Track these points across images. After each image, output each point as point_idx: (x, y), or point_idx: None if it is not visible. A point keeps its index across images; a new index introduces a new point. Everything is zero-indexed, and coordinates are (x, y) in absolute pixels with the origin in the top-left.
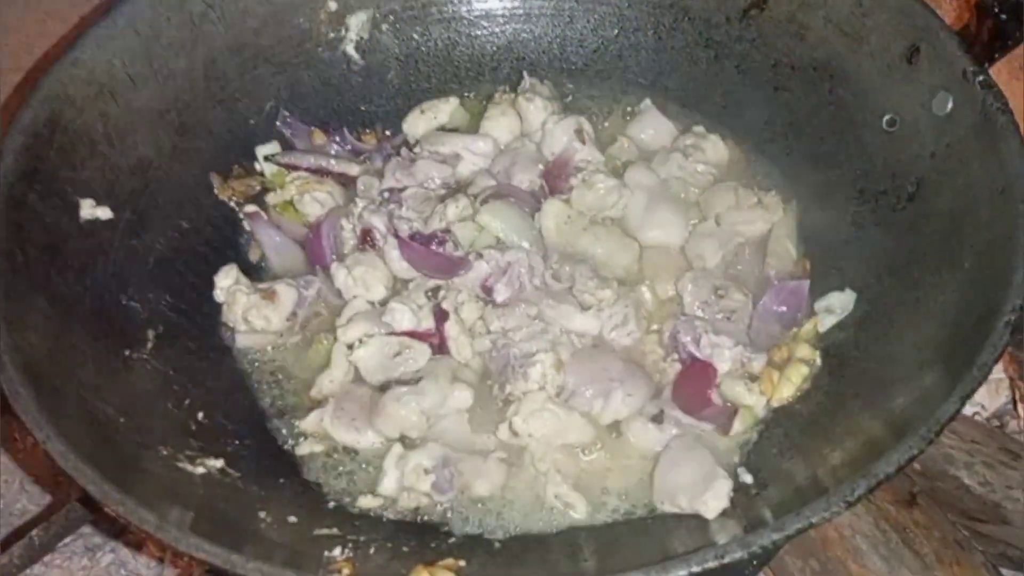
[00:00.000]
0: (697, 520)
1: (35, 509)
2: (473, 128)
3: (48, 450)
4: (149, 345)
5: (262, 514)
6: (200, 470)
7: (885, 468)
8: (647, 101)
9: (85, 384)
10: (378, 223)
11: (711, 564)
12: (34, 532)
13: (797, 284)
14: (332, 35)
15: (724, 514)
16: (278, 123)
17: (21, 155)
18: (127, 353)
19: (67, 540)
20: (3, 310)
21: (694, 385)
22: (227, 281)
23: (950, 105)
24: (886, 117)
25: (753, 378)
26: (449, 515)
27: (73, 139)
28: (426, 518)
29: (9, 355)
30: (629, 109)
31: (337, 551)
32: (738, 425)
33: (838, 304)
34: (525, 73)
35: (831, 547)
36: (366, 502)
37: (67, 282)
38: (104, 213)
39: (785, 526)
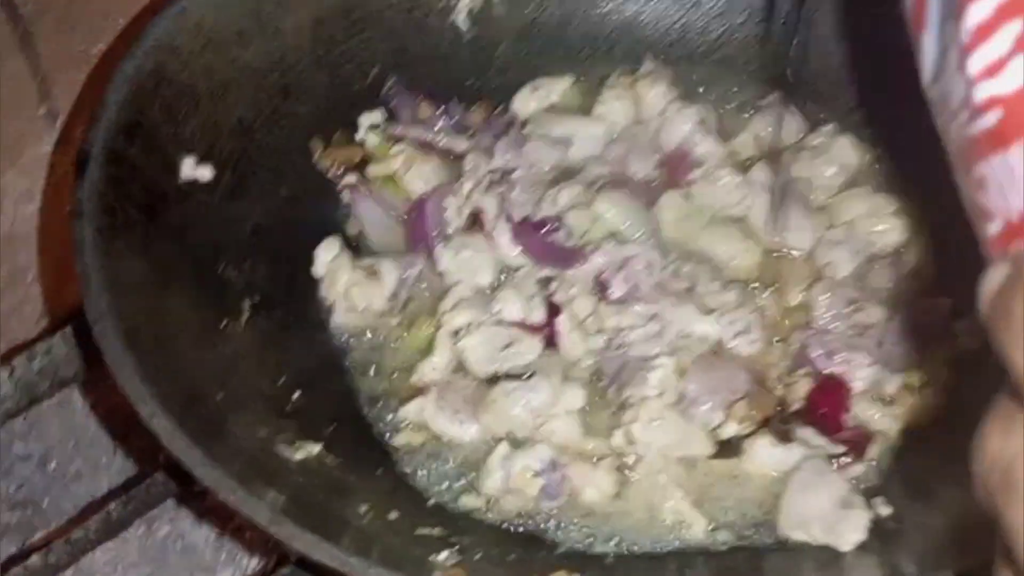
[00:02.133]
0: (828, 553)
1: (88, 471)
2: (586, 110)
3: (153, 427)
4: (244, 317)
5: (363, 508)
6: (299, 455)
7: None
8: (774, 95)
9: (183, 356)
10: (488, 205)
11: None
12: (112, 506)
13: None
14: (442, 3)
15: (861, 547)
16: (383, 91)
17: (124, 107)
18: (223, 324)
19: None
20: (104, 270)
21: (827, 404)
22: (329, 255)
23: None
24: None
25: (887, 400)
26: (555, 523)
27: (177, 93)
28: (530, 524)
29: (112, 320)
30: (754, 102)
31: (444, 555)
32: (873, 451)
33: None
34: (647, 56)
35: None
36: (468, 501)
37: (165, 246)
38: (204, 174)
39: None
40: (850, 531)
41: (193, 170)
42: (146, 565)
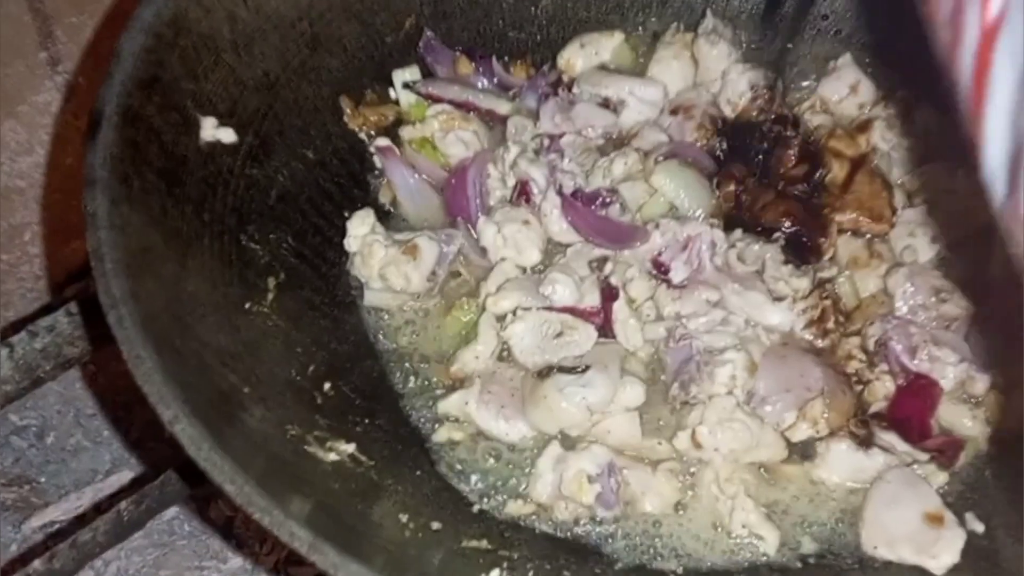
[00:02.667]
0: (916, 574)
1: (89, 445)
2: (639, 70)
3: (177, 435)
4: (270, 296)
5: (403, 518)
6: (332, 456)
7: None
8: (846, 56)
9: (206, 344)
10: (537, 175)
11: None
12: (123, 505)
13: None
14: None
15: (954, 569)
16: (419, 45)
17: (141, 59)
18: (247, 305)
19: None
20: (119, 248)
21: (915, 407)
22: (362, 229)
23: None
24: None
25: (976, 402)
26: (612, 534)
27: (197, 44)
28: (585, 536)
29: (128, 307)
30: (822, 65)
31: (495, 574)
32: (963, 459)
33: None
34: (709, 11)
35: None
36: (515, 508)
37: (185, 216)
38: (227, 135)
39: None
40: (944, 552)
41: (215, 131)
42: (152, 550)
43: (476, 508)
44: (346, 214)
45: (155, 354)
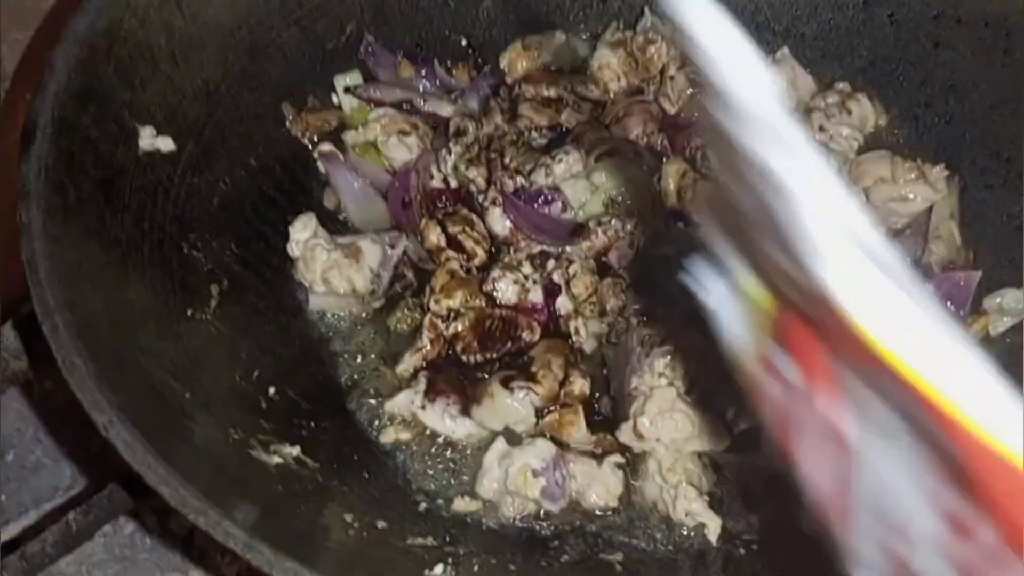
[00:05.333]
0: None
1: (49, 462)
2: (580, 70)
3: (111, 440)
4: (213, 303)
5: (348, 517)
6: (276, 459)
7: None
8: (783, 50)
9: (146, 351)
10: (477, 175)
11: None
12: (71, 515)
13: (965, 276)
14: None
15: None
16: (360, 50)
17: (75, 69)
18: (190, 312)
19: None
20: (53, 258)
21: None
22: (304, 234)
23: None
24: None
25: None
26: (558, 527)
27: (133, 54)
28: (531, 529)
29: (62, 315)
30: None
31: (439, 569)
32: None
33: (1014, 303)
34: (646, 9)
35: None
36: (462, 505)
37: (123, 225)
38: (165, 144)
39: None
40: None
41: (153, 140)
42: (113, 564)
43: (423, 507)
44: (290, 220)
45: (90, 361)
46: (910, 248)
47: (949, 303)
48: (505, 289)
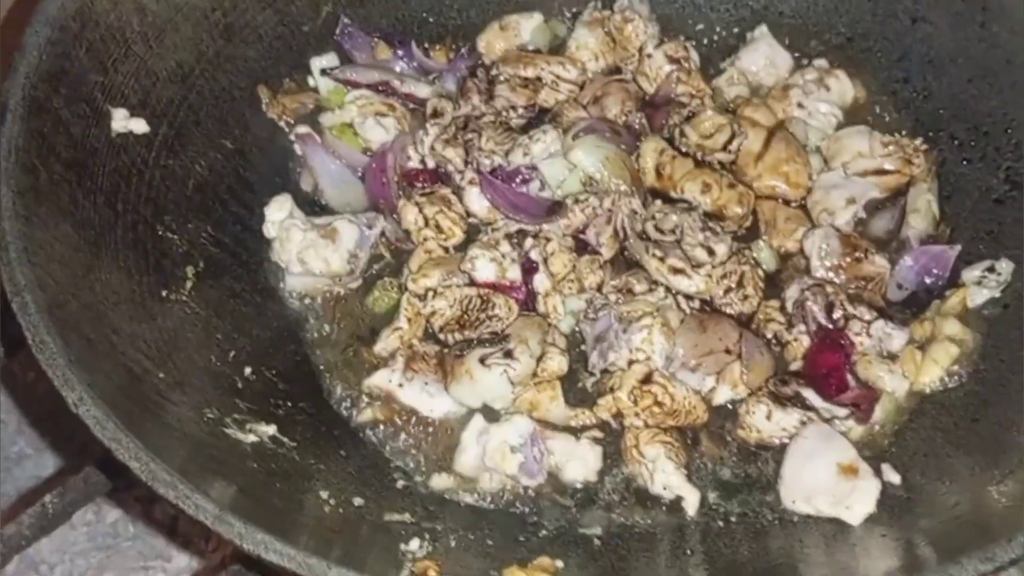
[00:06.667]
0: (834, 526)
1: (32, 453)
2: (558, 50)
3: (81, 415)
4: (188, 285)
5: (324, 494)
6: (251, 438)
7: None
8: (762, 28)
9: (118, 331)
10: (454, 156)
11: None
12: (47, 498)
13: (943, 249)
14: None
15: (870, 519)
16: (336, 32)
17: (46, 51)
18: (164, 293)
19: None
20: (24, 238)
21: (829, 363)
22: (280, 215)
23: None
24: None
25: (893, 358)
26: (536, 502)
27: (105, 36)
28: (509, 505)
29: (32, 294)
30: (738, 34)
31: (415, 544)
32: (879, 413)
33: (992, 275)
34: None
35: None
36: (439, 482)
37: (96, 206)
38: (139, 126)
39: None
40: (859, 502)
41: (126, 122)
42: (96, 552)
43: (400, 484)
44: (267, 202)
45: (59, 339)
46: (887, 221)
47: (927, 277)
48: (483, 267)
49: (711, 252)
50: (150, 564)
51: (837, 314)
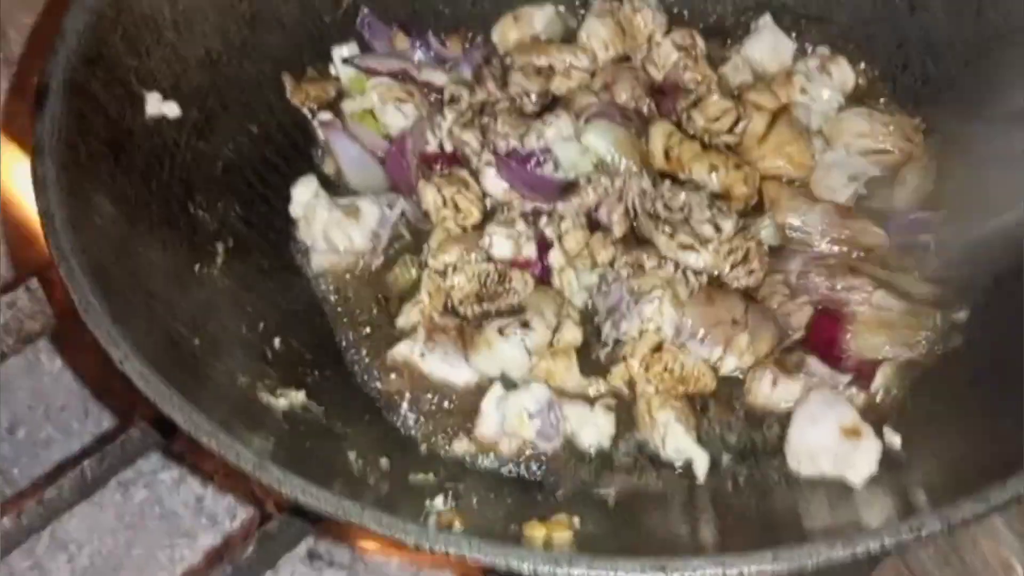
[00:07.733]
0: (839, 488)
1: (60, 438)
2: (570, 40)
3: (127, 371)
4: (219, 260)
5: (351, 455)
6: (282, 403)
7: None
8: (766, 17)
9: (156, 298)
10: (471, 139)
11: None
12: (86, 463)
13: (930, 215)
14: None
15: (872, 481)
16: (357, 22)
17: (84, 36)
18: (197, 268)
19: None
20: (68, 207)
21: (830, 331)
22: (306, 195)
23: None
24: None
25: (892, 326)
26: (553, 465)
27: (139, 23)
28: (527, 468)
29: (77, 257)
30: (744, 26)
31: (439, 500)
32: (879, 380)
33: None
34: None
35: None
36: (461, 446)
37: (132, 183)
38: (171, 110)
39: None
40: (861, 462)
41: (159, 106)
42: (124, 531)
43: (424, 448)
44: (292, 184)
45: (104, 299)
46: (886, 198)
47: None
48: (500, 245)
49: (718, 228)
50: (176, 542)
51: (839, 286)
